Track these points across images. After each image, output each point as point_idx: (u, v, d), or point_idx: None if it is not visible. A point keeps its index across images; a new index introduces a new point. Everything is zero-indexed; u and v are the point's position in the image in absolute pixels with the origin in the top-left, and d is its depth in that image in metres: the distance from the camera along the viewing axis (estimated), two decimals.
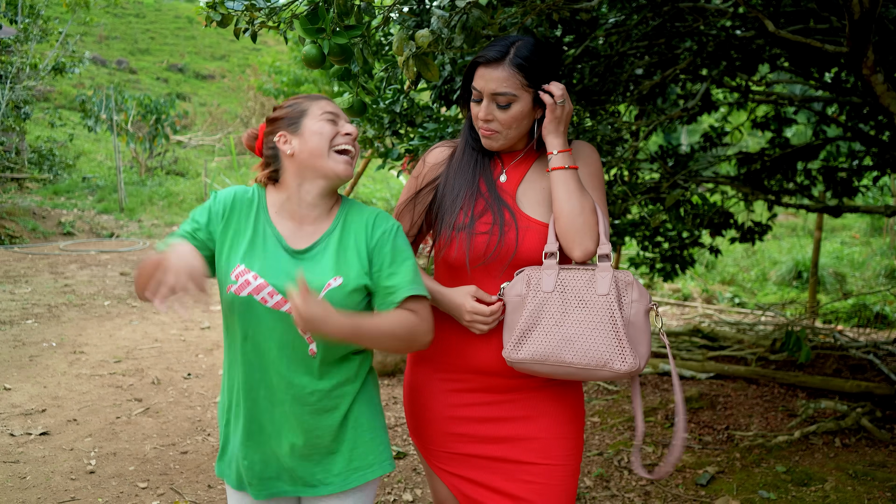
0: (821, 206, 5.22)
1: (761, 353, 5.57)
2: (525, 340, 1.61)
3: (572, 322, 1.59)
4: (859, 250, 12.13)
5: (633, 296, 1.59)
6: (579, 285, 1.62)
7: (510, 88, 1.67)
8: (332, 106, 1.69)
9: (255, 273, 1.59)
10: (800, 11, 3.82)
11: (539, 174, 1.78)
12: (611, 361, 1.54)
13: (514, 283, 1.68)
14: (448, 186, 1.78)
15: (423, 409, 1.85)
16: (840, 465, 3.61)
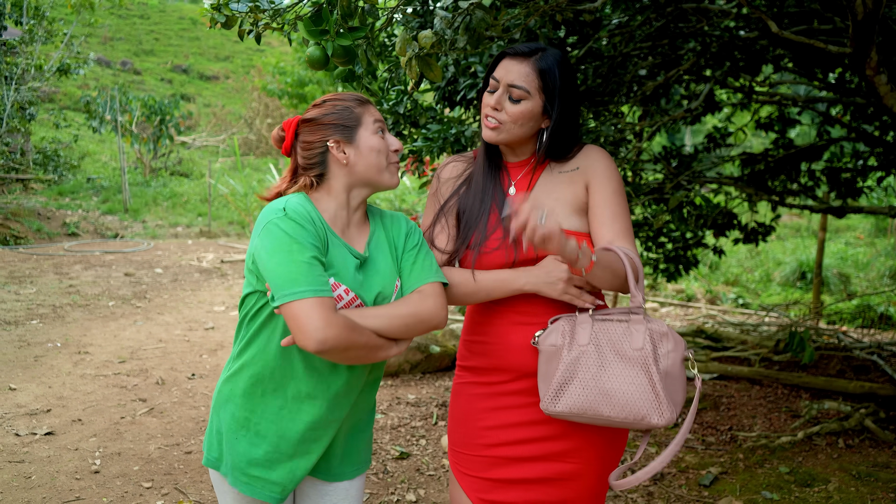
0: (825, 207, 5.21)
1: (765, 353, 5.57)
2: (562, 393, 1.61)
3: (609, 376, 1.59)
4: (863, 251, 12.11)
5: (668, 346, 1.59)
6: (615, 338, 1.62)
7: (526, 84, 1.71)
8: (376, 113, 1.72)
9: (346, 287, 1.62)
10: (803, 12, 3.82)
11: (548, 186, 1.79)
12: (648, 416, 1.54)
13: (548, 332, 1.68)
14: (467, 204, 1.81)
15: (457, 413, 1.86)
16: (843, 466, 3.60)
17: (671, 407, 1.54)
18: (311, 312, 1.49)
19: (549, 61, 1.72)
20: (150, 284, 8.52)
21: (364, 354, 1.58)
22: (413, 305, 1.66)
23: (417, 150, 3.30)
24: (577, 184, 1.77)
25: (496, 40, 3.05)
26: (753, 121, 5.48)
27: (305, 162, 1.70)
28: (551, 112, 1.74)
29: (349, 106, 1.68)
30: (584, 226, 1.75)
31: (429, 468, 3.70)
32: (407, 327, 1.64)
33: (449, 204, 1.83)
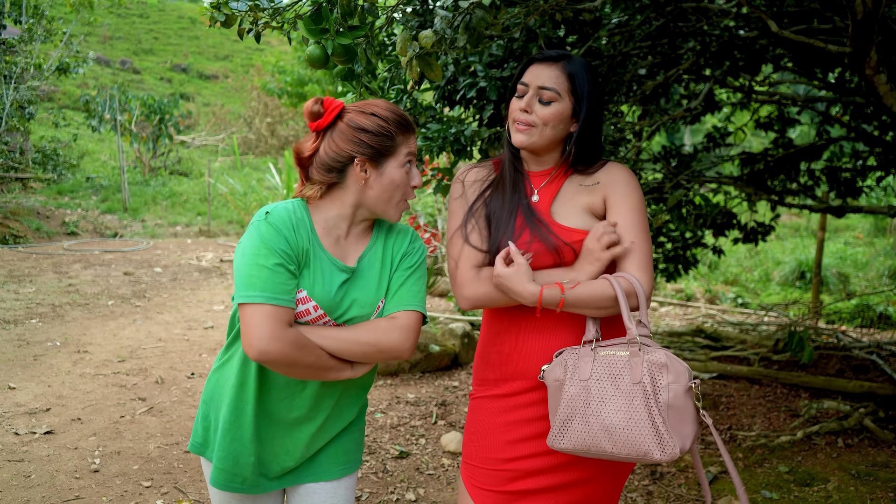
0: (824, 207, 5.22)
1: (764, 353, 5.57)
2: (566, 430, 1.60)
3: (610, 411, 1.56)
4: (863, 251, 12.12)
5: (668, 378, 1.55)
6: (616, 371, 1.59)
7: (556, 86, 1.73)
8: (414, 143, 1.69)
9: (315, 304, 1.61)
10: (803, 12, 3.81)
11: (571, 193, 1.79)
12: (650, 451, 1.51)
13: (552, 366, 1.67)
14: (494, 209, 1.80)
15: (478, 427, 1.84)
16: (843, 466, 3.61)
17: (674, 441, 1.51)
18: (261, 321, 1.50)
19: (577, 66, 1.76)
20: (150, 283, 8.52)
21: (311, 373, 1.59)
22: (376, 334, 1.63)
23: (417, 150, 3.29)
24: (596, 196, 1.78)
25: (496, 39, 3.05)
26: (753, 120, 5.48)
27: (329, 163, 1.63)
28: (580, 115, 1.76)
29: (392, 133, 1.63)
30: (590, 224, 1.75)
31: (428, 467, 3.70)
32: (364, 355, 1.63)
33: (476, 205, 1.82)
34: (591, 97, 1.76)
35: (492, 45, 3.20)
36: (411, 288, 1.70)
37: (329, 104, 1.64)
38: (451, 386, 5.02)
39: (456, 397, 4.77)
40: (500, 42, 3.20)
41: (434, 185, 3.65)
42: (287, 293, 1.54)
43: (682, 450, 1.51)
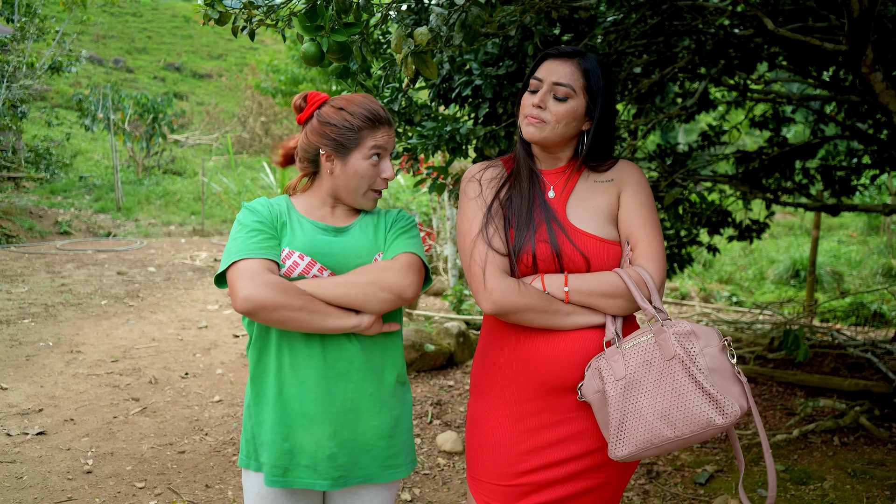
0: (819, 205, 5.22)
1: (759, 351, 5.58)
2: (623, 434, 1.57)
3: (658, 397, 1.54)
4: (856, 249, 12.15)
5: (700, 344, 1.53)
6: (648, 357, 1.58)
7: (572, 83, 1.71)
8: (383, 137, 1.73)
9: (300, 253, 1.66)
10: (798, 10, 3.81)
11: (585, 193, 1.78)
12: (712, 418, 1.48)
13: (586, 380, 1.64)
14: (514, 208, 1.77)
15: (486, 440, 1.79)
16: (839, 464, 3.61)
17: (730, 401, 1.48)
18: (241, 274, 1.57)
19: (592, 63, 1.74)
20: (143, 283, 8.48)
21: (306, 321, 1.59)
22: (374, 271, 1.66)
23: (412, 148, 3.28)
24: (611, 193, 1.77)
25: (491, 37, 3.03)
26: (748, 119, 5.48)
27: (302, 153, 1.78)
28: (594, 112, 1.74)
29: (356, 126, 1.71)
30: (605, 231, 1.73)
31: (423, 467, 3.68)
32: (366, 296, 1.63)
33: (493, 205, 1.78)
34: (605, 95, 1.75)
35: (487, 42, 3.19)
36: (407, 241, 1.75)
37: (311, 98, 1.77)
38: (447, 385, 5.01)
39: (451, 396, 4.75)
40: (495, 40, 3.19)
41: (429, 184, 3.64)
42: (266, 248, 1.63)
43: (741, 408, 1.48)
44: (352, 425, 1.70)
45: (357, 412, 1.70)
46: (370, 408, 1.72)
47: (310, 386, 1.68)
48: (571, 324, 1.67)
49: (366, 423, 1.72)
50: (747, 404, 1.50)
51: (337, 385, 1.69)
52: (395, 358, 1.79)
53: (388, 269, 1.66)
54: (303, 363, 1.68)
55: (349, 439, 1.70)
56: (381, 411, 1.74)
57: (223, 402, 4.53)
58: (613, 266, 1.70)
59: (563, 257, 1.68)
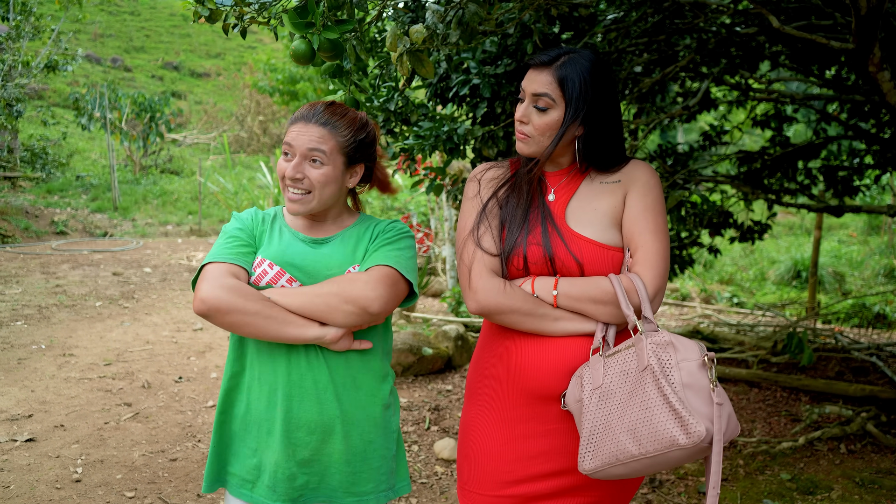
0: (822, 206, 5.15)
1: (763, 355, 5.50)
2: (591, 447, 1.49)
3: (629, 410, 1.45)
4: (857, 249, 12.09)
5: (676, 357, 1.44)
6: (626, 367, 1.50)
7: (550, 92, 1.63)
8: (293, 133, 1.66)
9: (270, 262, 1.62)
10: (802, 7, 3.74)
11: (588, 195, 1.70)
12: (676, 437, 1.37)
13: (569, 388, 1.58)
14: (510, 210, 1.72)
15: (474, 448, 1.74)
16: (846, 473, 3.53)
17: (697, 420, 1.36)
18: (205, 275, 1.58)
19: (569, 68, 1.63)
20: (139, 284, 8.40)
21: (262, 326, 1.54)
22: (340, 283, 1.59)
23: (409, 148, 3.20)
24: (616, 195, 1.68)
25: (489, 35, 2.96)
26: (749, 118, 5.41)
27: None
28: (577, 119, 1.64)
29: (290, 120, 1.72)
30: (607, 236, 1.66)
31: (421, 475, 3.60)
32: (329, 307, 1.56)
33: (489, 205, 1.73)
34: (591, 99, 1.64)
35: (485, 41, 3.11)
36: (387, 252, 1.66)
37: None
38: (445, 390, 4.93)
39: (449, 402, 4.67)
40: (493, 38, 3.12)
41: (427, 185, 3.56)
42: (235, 254, 1.61)
43: (707, 430, 1.36)
44: (315, 446, 1.64)
45: (322, 433, 1.64)
46: (336, 430, 1.64)
47: (275, 401, 1.63)
48: (560, 329, 1.61)
49: (331, 445, 1.65)
50: (718, 427, 1.38)
51: (301, 403, 1.63)
52: (371, 379, 1.70)
53: (355, 280, 1.59)
54: (268, 378, 1.64)
55: (310, 460, 1.64)
56: (349, 435, 1.66)
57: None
58: (611, 272, 1.62)
59: (555, 261, 1.62)
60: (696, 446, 1.37)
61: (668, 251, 1.64)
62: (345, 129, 1.69)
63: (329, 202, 1.69)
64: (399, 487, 1.76)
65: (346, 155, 1.69)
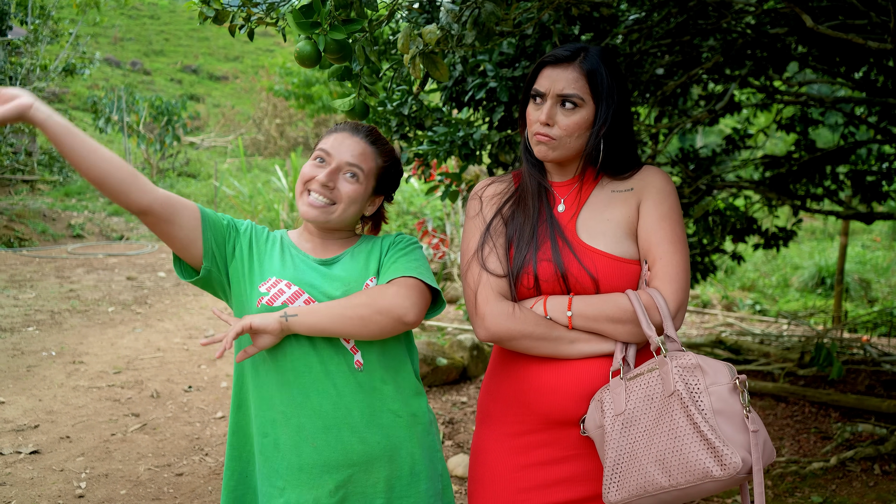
0: (852, 213, 4.98)
1: (790, 367, 5.31)
2: (616, 477, 1.39)
3: (656, 439, 1.34)
4: (882, 255, 11.82)
5: (704, 381, 1.33)
6: (650, 392, 1.39)
7: (578, 90, 1.52)
8: (332, 142, 1.61)
9: (287, 281, 1.54)
10: (833, 6, 3.59)
11: (600, 205, 1.59)
12: (709, 469, 1.27)
13: (589, 413, 1.47)
14: (517, 226, 1.60)
15: (486, 475, 1.63)
16: (881, 496, 3.35)
17: (732, 451, 1.26)
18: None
19: (594, 61, 1.54)
20: (152, 289, 8.35)
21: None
22: (371, 294, 1.50)
23: (423, 154, 3.09)
24: (629, 204, 1.57)
25: (507, 36, 2.84)
26: (775, 122, 5.24)
27: None
28: (606, 115, 1.54)
29: (324, 133, 1.68)
30: (620, 248, 1.54)
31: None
32: (363, 319, 1.46)
33: (493, 223, 1.61)
34: (614, 93, 1.54)
35: (502, 42, 3.00)
36: (406, 263, 1.58)
37: None
38: (460, 402, 4.79)
39: (464, 414, 4.54)
40: (511, 39, 3.00)
41: (442, 191, 3.44)
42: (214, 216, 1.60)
43: (744, 460, 1.26)
44: (356, 477, 1.57)
45: (364, 463, 1.58)
46: (379, 457, 1.59)
47: (304, 436, 1.56)
48: (577, 352, 1.50)
49: (375, 474, 1.57)
50: (756, 455, 1.27)
51: (338, 434, 1.55)
52: (407, 398, 1.63)
53: (385, 291, 1.50)
54: (293, 412, 1.55)
55: (350, 493, 1.56)
56: (393, 460, 1.60)
57: (226, 419, 4.35)
58: (628, 287, 1.50)
59: (568, 278, 1.50)
60: (731, 478, 1.27)
61: (689, 262, 1.53)
62: (386, 155, 1.67)
63: (346, 222, 1.64)
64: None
65: (377, 181, 1.65)
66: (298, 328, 1.47)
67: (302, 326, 1.47)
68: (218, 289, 1.61)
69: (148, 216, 1.47)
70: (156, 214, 1.47)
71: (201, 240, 1.54)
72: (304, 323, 1.47)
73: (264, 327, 1.45)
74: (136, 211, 1.46)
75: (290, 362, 1.52)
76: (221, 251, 1.58)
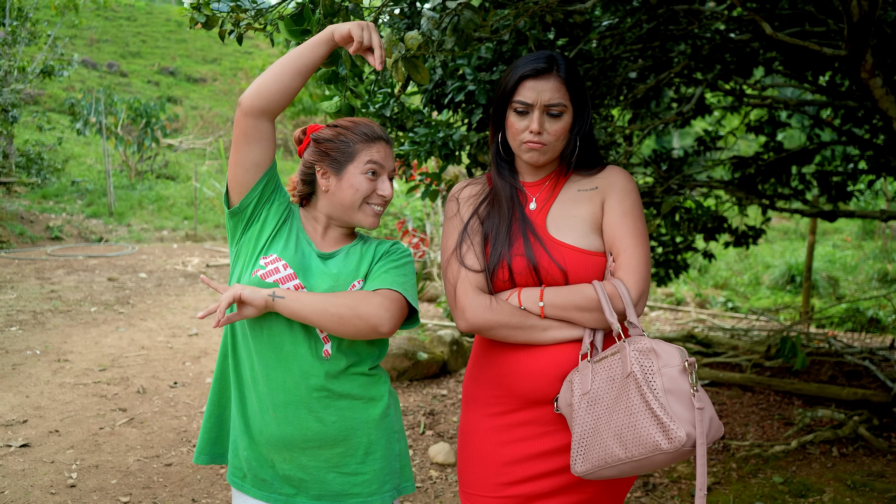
0: (816, 211, 5.17)
1: (756, 359, 5.51)
2: (582, 450, 1.54)
3: (615, 416, 1.49)
4: (851, 254, 12.13)
5: (657, 363, 1.48)
6: (612, 374, 1.54)
7: (562, 99, 1.68)
8: (380, 153, 1.71)
9: (286, 262, 1.64)
10: (796, 14, 3.77)
11: (567, 202, 1.74)
12: (658, 442, 1.41)
13: (561, 393, 1.63)
14: (493, 225, 1.74)
15: (474, 453, 1.77)
16: (838, 476, 3.55)
17: (678, 426, 1.40)
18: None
19: (566, 68, 1.69)
20: (134, 289, 8.39)
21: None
22: (355, 298, 1.61)
23: (405, 154, 3.22)
24: (594, 202, 1.72)
25: (485, 42, 2.98)
26: (744, 124, 5.44)
27: (300, 176, 1.78)
28: (583, 118, 1.72)
29: (351, 140, 1.70)
30: (587, 242, 1.69)
31: (416, 479, 3.61)
32: (341, 319, 1.58)
33: (471, 223, 1.76)
34: (586, 96, 1.72)
35: (480, 47, 3.13)
36: (395, 277, 1.69)
37: (310, 130, 1.78)
38: (440, 394, 4.93)
39: (444, 406, 4.68)
40: (489, 45, 3.13)
41: (422, 191, 3.58)
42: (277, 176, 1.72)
43: (688, 434, 1.40)
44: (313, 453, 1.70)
45: (320, 441, 1.71)
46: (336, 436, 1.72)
47: (265, 409, 1.70)
48: (549, 338, 1.65)
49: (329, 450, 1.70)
50: (700, 431, 1.41)
51: (296, 412, 1.69)
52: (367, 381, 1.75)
53: (369, 299, 1.61)
54: (260, 387, 1.69)
55: (306, 465, 1.70)
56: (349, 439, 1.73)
57: None
58: (596, 278, 1.67)
59: (540, 270, 1.66)
60: (678, 450, 1.41)
61: (649, 254, 1.69)
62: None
63: None
64: (403, 487, 1.78)
65: None
66: (282, 310, 1.58)
67: (285, 310, 1.58)
68: (239, 226, 1.71)
69: (252, 118, 1.61)
70: (257, 122, 1.61)
71: (257, 179, 1.66)
72: (288, 307, 1.57)
73: (251, 301, 1.55)
74: (256, 111, 1.60)
75: (265, 335, 1.65)
76: (261, 204, 1.68)
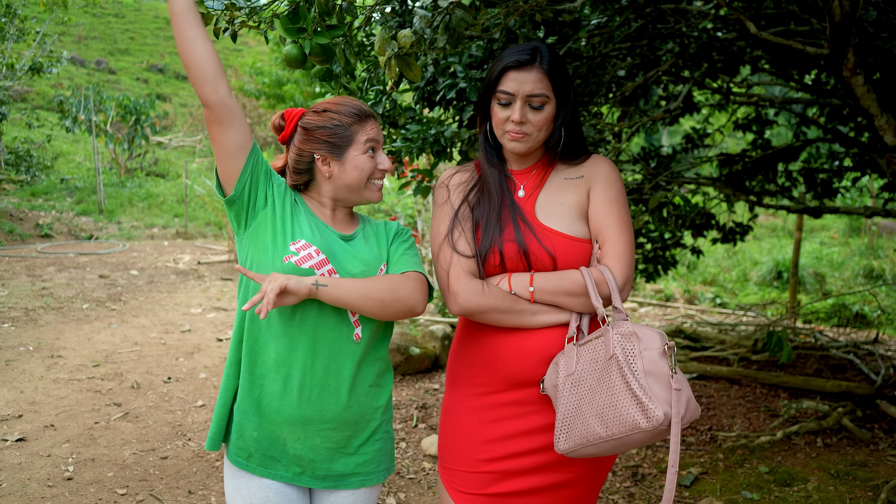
0: (801, 207, 5.25)
1: (743, 353, 5.60)
2: (565, 429, 1.60)
3: (598, 396, 1.55)
4: (838, 250, 12.26)
5: (638, 346, 1.53)
6: (596, 356, 1.59)
7: (544, 90, 1.72)
8: (374, 129, 1.74)
9: (317, 248, 1.66)
10: (781, 14, 3.83)
11: (555, 190, 1.80)
12: (637, 421, 1.47)
13: (547, 374, 1.68)
14: (483, 212, 1.79)
15: (457, 430, 1.82)
16: (822, 465, 3.63)
17: (656, 405, 1.46)
18: None
19: (549, 60, 1.73)
20: (126, 286, 8.40)
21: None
22: (392, 282, 1.67)
23: (397, 151, 3.27)
24: (580, 190, 1.78)
25: (476, 40, 3.03)
26: (731, 122, 5.51)
27: (295, 166, 1.77)
28: (567, 109, 1.77)
29: (344, 123, 1.71)
30: (575, 229, 1.75)
31: (409, 472, 3.66)
32: (382, 303, 1.63)
33: (461, 210, 1.81)
34: (570, 87, 1.77)
35: (471, 45, 3.17)
36: (413, 258, 1.77)
37: (289, 115, 1.77)
38: (432, 388, 4.99)
39: (436, 400, 4.74)
40: (479, 43, 3.18)
41: (414, 187, 3.62)
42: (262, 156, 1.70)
43: (665, 414, 1.46)
44: (327, 435, 1.73)
45: (336, 423, 1.74)
46: (351, 420, 1.76)
47: (290, 388, 1.71)
48: (538, 322, 1.71)
49: (342, 432, 1.74)
50: (676, 411, 1.47)
51: (321, 393, 1.72)
52: (382, 369, 1.81)
53: (406, 282, 1.68)
54: (284, 366, 1.69)
55: (317, 446, 1.73)
56: (358, 423, 1.78)
57: (206, 407, 4.49)
58: (582, 264, 1.73)
59: (530, 255, 1.72)
60: (655, 429, 1.47)
61: (634, 241, 1.75)
62: None
63: None
64: (390, 467, 1.85)
65: None
66: (325, 298, 1.59)
67: (329, 297, 1.59)
68: (242, 214, 1.68)
69: (210, 110, 1.59)
70: (215, 113, 1.59)
71: (243, 162, 1.64)
72: (331, 294, 1.59)
73: (296, 290, 1.54)
74: (203, 101, 1.59)
75: (297, 319, 1.65)
76: (255, 185, 1.66)
